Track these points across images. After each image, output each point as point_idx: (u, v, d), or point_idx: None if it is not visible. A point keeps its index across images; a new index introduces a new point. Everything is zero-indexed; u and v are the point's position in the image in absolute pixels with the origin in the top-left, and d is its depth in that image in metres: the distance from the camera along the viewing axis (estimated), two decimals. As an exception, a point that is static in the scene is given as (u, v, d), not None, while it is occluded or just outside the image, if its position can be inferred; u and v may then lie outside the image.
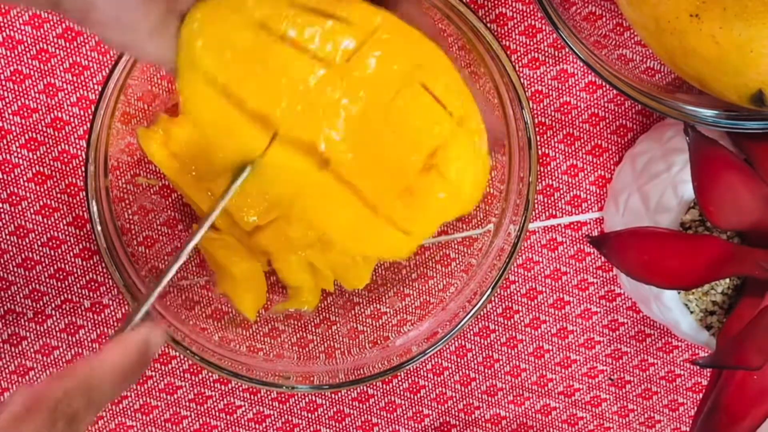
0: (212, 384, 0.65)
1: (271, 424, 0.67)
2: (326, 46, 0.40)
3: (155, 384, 0.65)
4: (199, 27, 0.39)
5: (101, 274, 0.63)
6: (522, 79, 0.62)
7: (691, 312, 0.58)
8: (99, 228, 0.55)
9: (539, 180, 0.64)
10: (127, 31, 0.38)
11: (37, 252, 0.62)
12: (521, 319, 0.66)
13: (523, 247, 0.65)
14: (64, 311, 0.63)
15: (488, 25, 0.58)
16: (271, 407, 0.66)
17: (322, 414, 0.67)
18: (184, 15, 0.40)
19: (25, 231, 0.62)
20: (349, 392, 0.66)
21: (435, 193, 0.42)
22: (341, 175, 0.41)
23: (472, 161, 0.43)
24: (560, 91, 0.63)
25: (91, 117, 0.56)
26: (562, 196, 0.65)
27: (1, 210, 0.62)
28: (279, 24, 0.40)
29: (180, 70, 0.40)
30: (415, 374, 0.67)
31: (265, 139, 0.41)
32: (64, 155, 0.61)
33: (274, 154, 0.41)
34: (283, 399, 0.66)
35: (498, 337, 0.66)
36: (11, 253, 0.62)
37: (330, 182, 0.41)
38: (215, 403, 0.66)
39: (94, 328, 0.64)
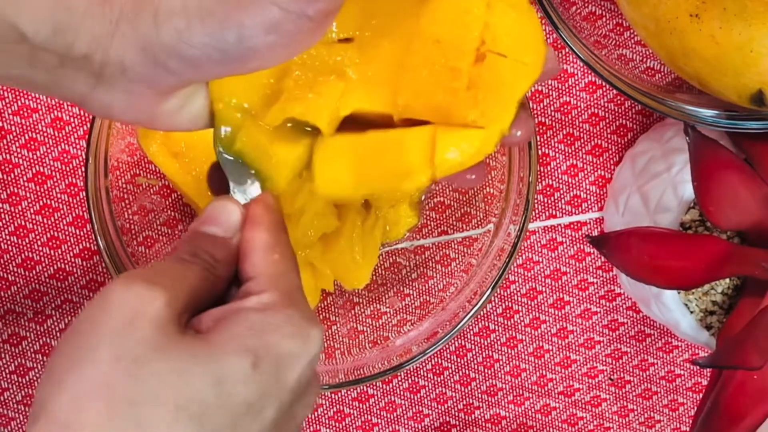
0: (212, 384, 0.65)
1: (271, 424, 0.66)
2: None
3: (155, 384, 0.65)
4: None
5: (101, 274, 0.63)
6: (522, 79, 0.62)
7: (691, 312, 0.58)
8: (99, 228, 0.55)
9: (539, 180, 0.64)
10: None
11: (37, 252, 0.62)
12: (521, 319, 0.66)
13: (523, 247, 0.65)
14: (64, 311, 0.63)
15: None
16: (271, 407, 0.66)
17: (322, 414, 0.67)
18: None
19: (25, 231, 0.62)
20: (349, 392, 0.66)
21: (500, 74, 0.40)
22: (410, 114, 0.41)
23: (519, 23, 0.40)
24: (560, 91, 0.63)
25: (91, 117, 0.56)
26: (562, 196, 0.65)
27: (1, 210, 0.62)
28: None
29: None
30: (415, 374, 0.67)
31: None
32: (64, 155, 0.61)
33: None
34: (283, 399, 0.66)
35: (498, 337, 0.66)
36: (11, 253, 0.62)
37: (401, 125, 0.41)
38: (215, 403, 0.66)
39: (94, 328, 0.63)
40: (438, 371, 0.67)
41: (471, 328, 0.66)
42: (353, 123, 0.42)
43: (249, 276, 0.37)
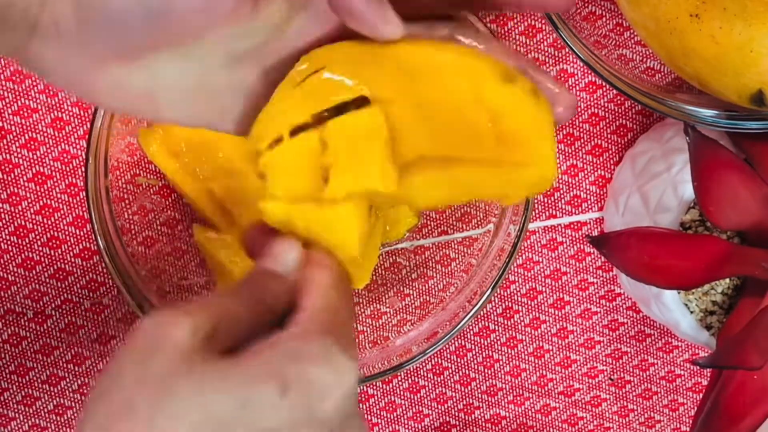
0: (212, 384, 0.65)
1: (271, 424, 0.66)
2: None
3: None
4: None
5: (101, 274, 0.63)
6: (522, 79, 0.62)
7: (691, 312, 0.58)
8: (99, 228, 0.55)
9: (539, 180, 0.64)
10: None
11: (37, 252, 0.62)
12: (521, 319, 0.66)
13: (523, 247, 0.65)
14: (64, 311, 0.63)
15: (488, 25, 0.58)
16: (271, 407, 0.66)
17: (322, 414, 0.67)
18: None
19: (25, 231, 0.62)
20: (349, 392, 0.66)
21: (522, 125, 0.40)
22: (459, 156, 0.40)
23: (516, 100, 0.40)
24: (560, 91, 0.63)
25: (91, 117, 0.56)
26: (562, 196, 0.65)
27: (1, 210, 0.62)
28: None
29: None
30: (415, 374, 0.67)
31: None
32: (64, 155, 0.61)
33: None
34: (283, 399, 0.66)
35: (498, 337, 0.66)
36: (11, 253, 0.62)
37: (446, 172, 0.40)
38: (215, 403, 0.66)
39: (94, 328, 0.64)
40: (438, 371, 0.67)
41: (471, 328, 0.66)
42: None
43: (302, 308, 0.36)
